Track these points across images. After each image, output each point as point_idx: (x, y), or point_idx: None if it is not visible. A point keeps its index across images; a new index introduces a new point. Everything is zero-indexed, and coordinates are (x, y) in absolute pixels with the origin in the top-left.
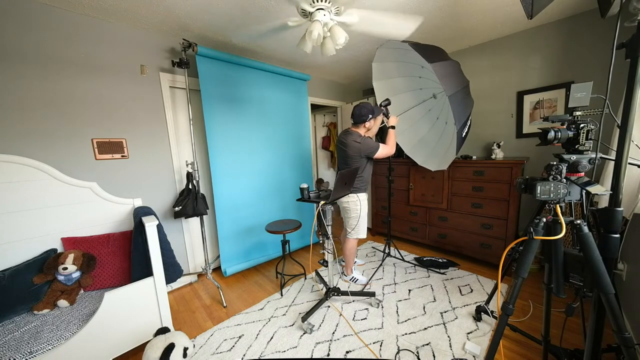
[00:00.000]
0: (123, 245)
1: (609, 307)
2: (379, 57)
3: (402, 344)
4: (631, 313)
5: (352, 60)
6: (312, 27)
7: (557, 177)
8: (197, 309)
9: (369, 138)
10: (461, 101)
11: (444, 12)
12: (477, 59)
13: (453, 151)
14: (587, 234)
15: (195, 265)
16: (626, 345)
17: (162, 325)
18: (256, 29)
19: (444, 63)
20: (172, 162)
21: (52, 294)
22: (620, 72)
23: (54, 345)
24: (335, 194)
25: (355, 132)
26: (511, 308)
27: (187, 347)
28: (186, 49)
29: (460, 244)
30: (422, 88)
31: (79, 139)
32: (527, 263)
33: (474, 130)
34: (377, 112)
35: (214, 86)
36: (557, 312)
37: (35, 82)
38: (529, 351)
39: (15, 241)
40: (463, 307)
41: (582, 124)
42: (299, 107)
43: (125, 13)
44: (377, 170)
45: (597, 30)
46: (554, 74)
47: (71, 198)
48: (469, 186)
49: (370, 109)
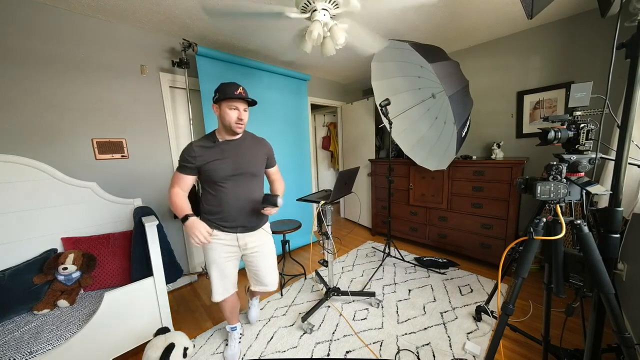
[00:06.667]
0: (123, 245)
1: (609, 307)
2: (379, 56)
3: (402, 344)
4: (631, 313)
5: (352, 60)
6: (312, 27)
7: (557, 177)
8: (197, 309)
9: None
10: (461, 101)
11: (444, 12)
12: (477, 59)
13: (452, 151)
14: (587, 234)
15: (195, 265)
16: (626, 345)
17: (162, 325)
18: (254, 24)
19: (444, 63)
20: (172, 162)
21: (52, 294)
22: (620, 72)
23: (54, 345)
24: (336, 194)
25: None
26: (511, 308)
27: (187, 347)
28: (186, 48)
29: (460, 244)
30: (421, 88)
31: (79, 139)
32: (527, 263)
33: (474, 130)
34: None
35: (214, 86)
36: (557, 312)
37: (36, 82)
38: (529, 351)
39: (15, 241)
40: (463, 307)
41: (582, 124)
42: (298, 107)
43: (125, 13)
44: (377, 170)
45: (597, 30)
46: (554, 74)
47: (71, 198)
48: (469, 186)
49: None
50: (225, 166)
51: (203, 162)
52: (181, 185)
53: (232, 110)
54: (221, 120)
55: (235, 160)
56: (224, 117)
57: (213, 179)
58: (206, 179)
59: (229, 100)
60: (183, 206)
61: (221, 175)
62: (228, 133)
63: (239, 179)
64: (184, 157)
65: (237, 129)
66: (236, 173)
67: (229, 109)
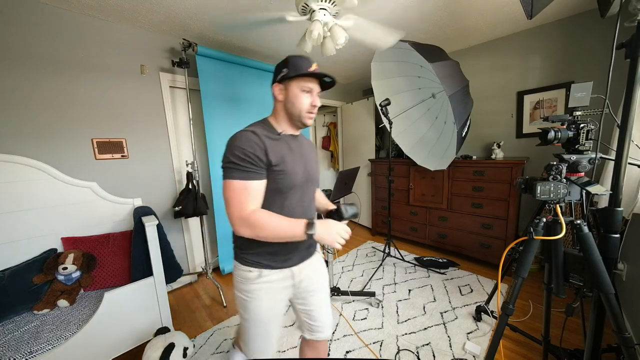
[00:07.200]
0: (123, 245)
1: (609, 307)
2: (378, 56)
3: (402, 344)
4: (631, 313)
5: (352, 60)
6: (312, 27)
7: (557, 177)
8: (197, 309)
9: (249, 133)
10: (461, 101)
11: (444, 12)
12: (477, 59)
13: (453, 151)
14: (587, 234)
15: (195, 265)
16: (626, 345)
17: (162, 325)
18: (254, 24)
19: (444, 63)
20: (172, 162)
21: (52, 294)
22: (620, 72)
23: (53, 345)
24: (336, 194)
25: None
26: (511, 308)
27: (187, 347)
28: (186, 48)
29: (460, 244)
30: (421, 87)
31: (79, 139)
32: (527, 263)
33: (474, 130)
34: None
35: (214, 86)
36: (557, 312)
37: (36, 82)
38: (529, 351)
39: (15, 241)
40: (463, 307)
41: (582, 124)
42: None
43: (125, 13)
44: (377, 170)
45: (597, 30)
46: (554, 74)
47: (71, 198)
48: (469, 186)
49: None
50: (298, 169)
51: (277, 159)
52: (257, 198)
53: (305, 94)
54: (286, 106)
55: (305, 163)
56: (292, 102)
57: (281, 187)
58: (275, 186)
59: (303, 80)
60: (287, 219)
61: (293, 182)
62: (292, 125)
63: (306, 189)
64: (249, 154)
65: (308, 120)
66: (305, 180)
67: (301, 90)
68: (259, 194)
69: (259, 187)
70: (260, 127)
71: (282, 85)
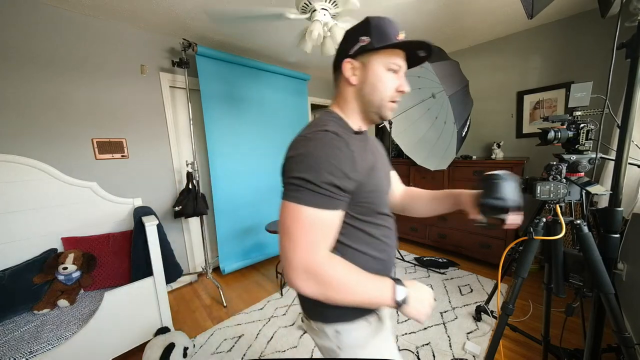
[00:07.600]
0: (123, 245)
1: (608, 307)
2: None
3: (402, 344)
4: (631, 313)
5: None
6: (312, 27)
7: (557, 177)
8: (197, 309)
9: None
10: (461, 101)
11: (444, 12)
12: (477, 59)
13: (453, 151)
14: (587, 234)
15: (195, 265)
16: (626, 345)
17: (162, 325)
18: (254, 19)
19: (443, 63)
20: (172, 162)
21: (52, 294)
22: (620, 72)
23: (54, 345)
24: None
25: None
26: (511, 308)
27: (187, 347)
28: (186, 48)
29: (460, 243)
30: (421, 87)
31: (79, 139)
32: (527, 263)
33: (474, 130)
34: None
35: (213, 86)
36: (557, 312)
37: (36, 82)
38: (529, 351)
39: (16, 241)
40: (463, 307)
41: (582, 124)
42: (299, 107)
43: (125, 13)
44: None
45: (597, 30)
46: (554, 74)
47: (71, 198)
48: (469, 186)
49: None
50: (385, 181)
51: (366, 174)
52: (332, 238)
53: (391, 74)
54: (362, 92)
55: (386, 171)
56: (374, 84)
57: (370, 211)
58: (360, 211)
59: (391, 54)
60: (370, 278)
61: (384, 201)
62: (365, 118)
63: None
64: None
65: (389, 112)
66: (388, 190)
67: (386, 68)
68: (335, 231)
69: (338, 220)
70: (334, 124)
71: (358, 61)
